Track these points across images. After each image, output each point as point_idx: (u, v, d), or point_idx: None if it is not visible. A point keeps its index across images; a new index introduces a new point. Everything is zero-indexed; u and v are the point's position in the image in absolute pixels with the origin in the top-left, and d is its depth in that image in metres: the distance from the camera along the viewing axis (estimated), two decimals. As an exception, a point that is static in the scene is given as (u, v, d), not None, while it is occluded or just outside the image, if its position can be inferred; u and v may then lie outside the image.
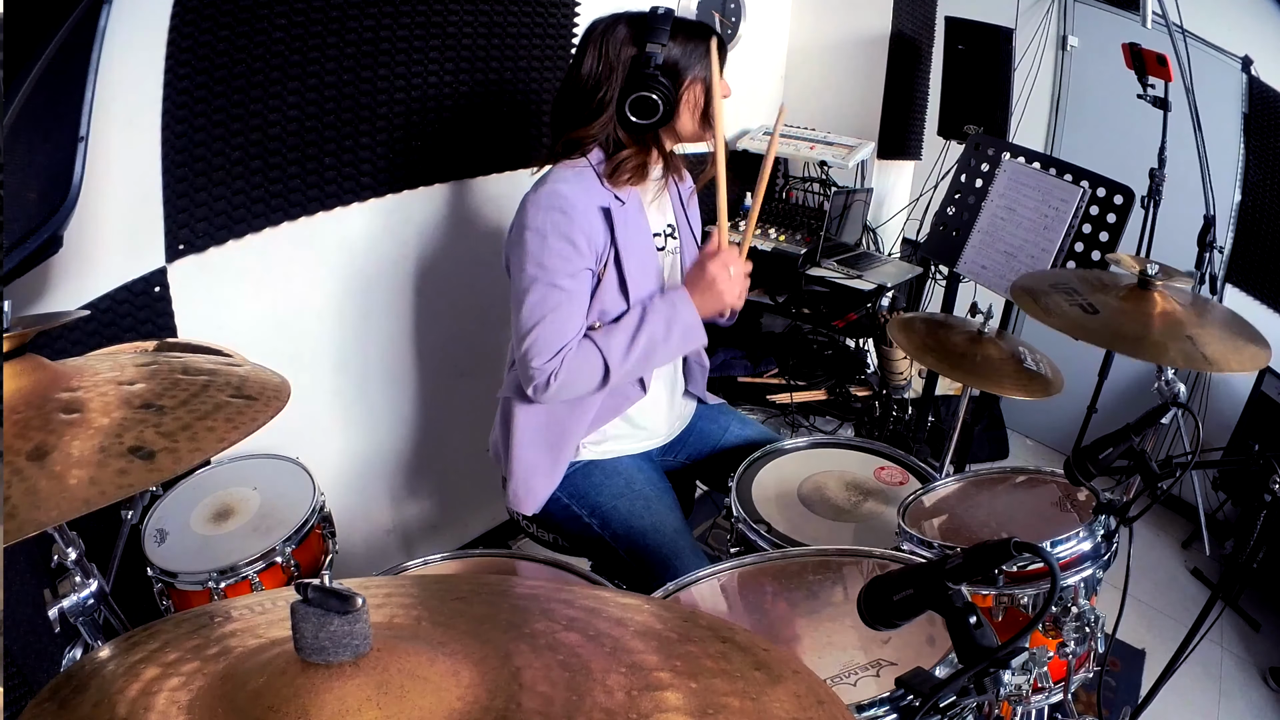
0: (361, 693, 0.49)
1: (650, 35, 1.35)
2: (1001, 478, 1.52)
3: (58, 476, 0.58)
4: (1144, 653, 2.19)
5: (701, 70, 1.39)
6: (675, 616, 0.66)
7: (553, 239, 1.36)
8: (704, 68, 1.39)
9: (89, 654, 0.76)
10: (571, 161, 1.43)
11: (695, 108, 1.42)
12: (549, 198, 1.37)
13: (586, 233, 1.37)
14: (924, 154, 3.23)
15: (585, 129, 1.41)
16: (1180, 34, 2.41)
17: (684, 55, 1.38)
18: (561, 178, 1.40)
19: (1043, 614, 0.91)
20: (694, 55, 1.39)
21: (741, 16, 2.83)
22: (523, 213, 1.40)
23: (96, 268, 1.44)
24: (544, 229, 1.36)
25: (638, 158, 1.42)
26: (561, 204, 1.36)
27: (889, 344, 2.85)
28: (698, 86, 1.41)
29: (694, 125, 1.44)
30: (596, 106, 1.39)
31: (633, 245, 1.44)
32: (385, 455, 2.17)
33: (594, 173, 1.42)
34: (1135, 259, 1.44)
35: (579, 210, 1.37)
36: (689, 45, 1.38)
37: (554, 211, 1.36)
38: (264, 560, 1.33)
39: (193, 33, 1.45)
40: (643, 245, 1.48)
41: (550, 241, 1.36)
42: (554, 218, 1.36)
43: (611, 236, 1.41)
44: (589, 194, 1.39)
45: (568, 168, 1.42)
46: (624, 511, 1.52)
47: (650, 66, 1.35)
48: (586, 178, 1.41)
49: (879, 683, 0.96)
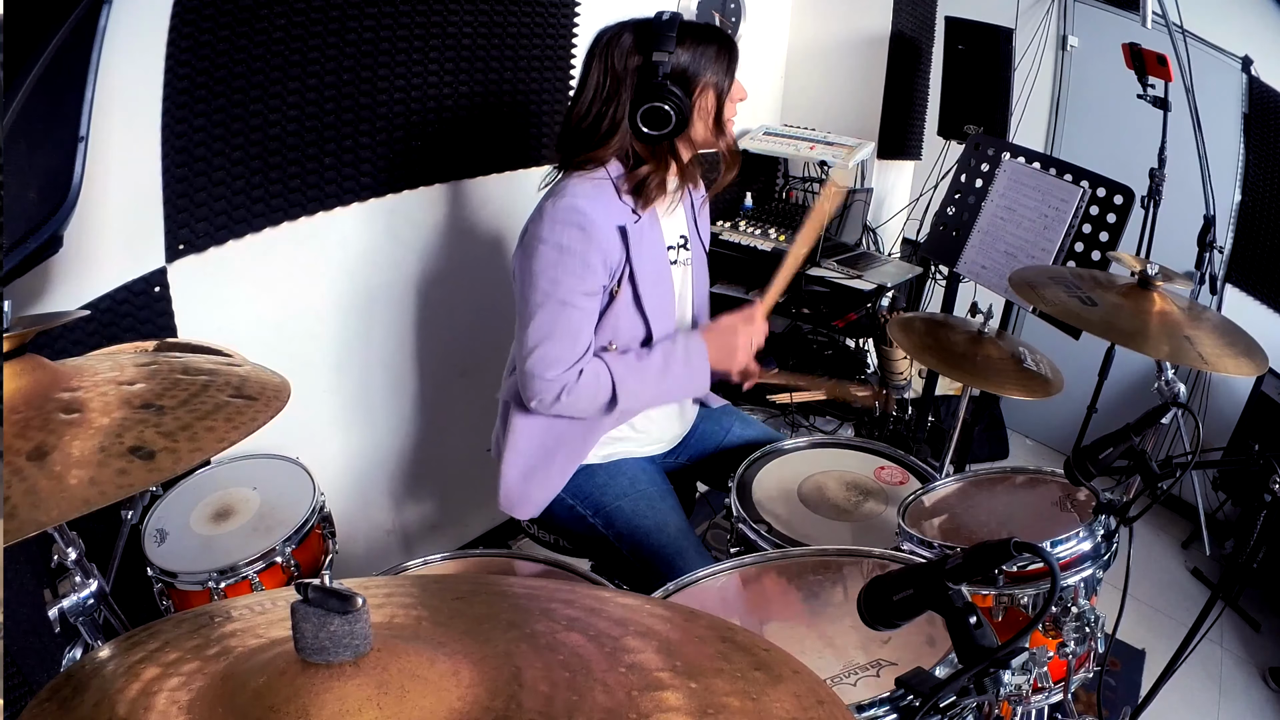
0: (362, 693, 0.49)
1: (657, 43, 1.32)
2: (1001, 478, 1.52)
3: (58, 476, 0.58)
4: (1144, 653, 2.19)
5: (713, 75, 1.36)
6: (675, 616, 0.66)
7: (568, 256, 1.33)
8: (714, 72, 1.36)
9: (89, 654, 0.76)
10: (588, 172, 1.39)
11: (708, 114, 1.39)
12: (568, 212, 1.34)
13: (603, 251, 1.35)
14: (924, 154, 3.24)
15: (599, 151, 1.37)
16: (1180, 34, 2.41)
17: (693, 61, 1.35)
18: (581, 192, 1.36)
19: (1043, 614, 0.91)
20: (703, 60, 1.36)
21: (741, 16, 2.83)
22: (538, 223, 1.36)
23: (96, 268, 1.44)
24: (560, 244, 1.33)
25: (658, 174, 1.39)
26: (580, 220, 1.33)
27: (889, 344, 2.85)
28: (710, 92, 1.38)
29: (707, 131, 1.41)
30: (609, 128, 1.36)
31: (647, 262, 1.43)
32: (385, 455, 2.17)
33: (613, 186, 1.39)
34: (1136, 259, 1.44)
35: (598, 228, 1.34)
36: (697, 50, 1.35)
37: (572, 228, 1.33)
38: (264, 560, 1.33)
39: (193, 33, 1.45)
40: (657, 260, 1.47)
41: (565, 258, 1.33)
42: (571, 234, 1.33)
43: (627, 254, 1.39)
44: (608, 211, 1.37)
45: (586, 179, 1.38)
46: (628, 511, 1.52)
47: (659, 76, 1.32)
48: (605, 192, 1.38)
49: (879, 683, 0.96)
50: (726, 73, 1.38)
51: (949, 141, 2.91)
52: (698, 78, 1.36)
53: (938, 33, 3.03)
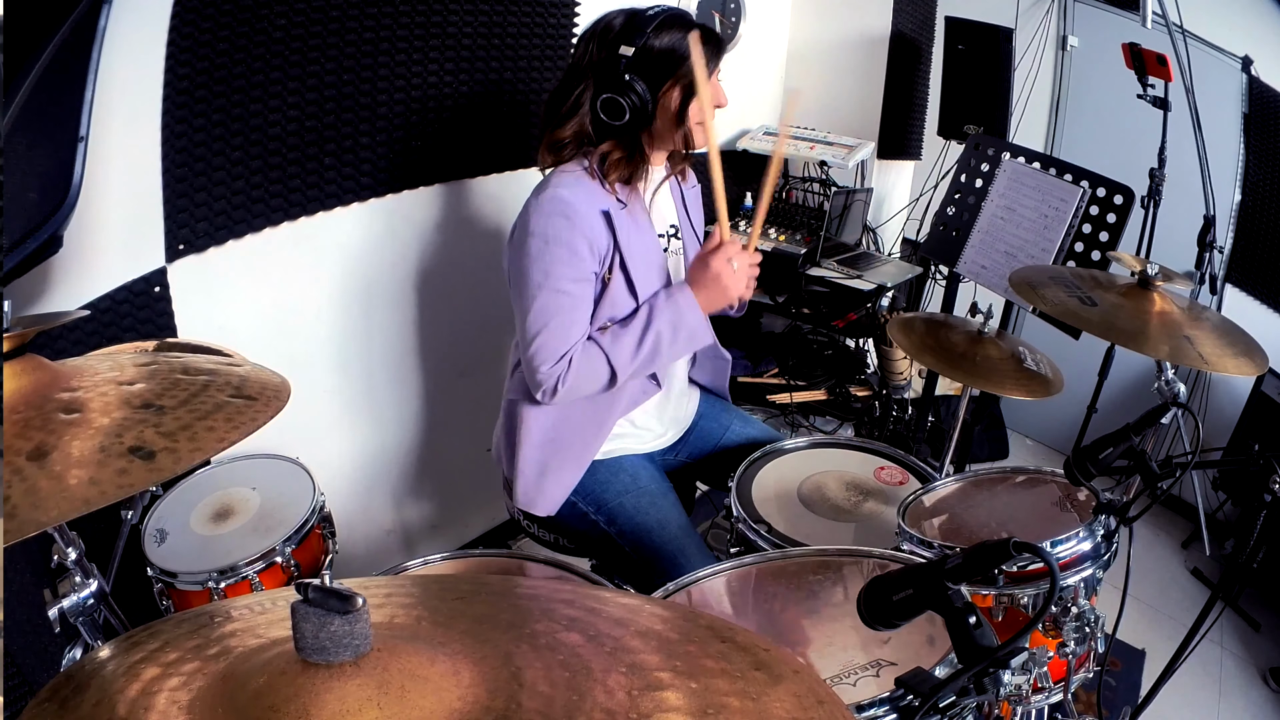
0: (362, 693, 0.49)
1: (632, 36, 1.33)
2: (1001, 478, 1.52)
3: (58, 476, 0.58)
4: (1144, 653, 2.19)
5: (684, 73, 1.35)
6: (675, 616, 0.66)
7: (555, 244, 1.35)
8: (685, 70, 1.34)
9: (89, 654, 0.76)
10: (569, 166, 1.42)
11: (670, 111, 1.38)
12: (551, 203, 1.36)
13: (589, 237, 1.36)
14: (924, 154, 3.23)
15: (560, 130, 1.40)
16: (1180, 34, 2.41)
17: (663, 57, 1.34)
18: (562, 182, 1.39)
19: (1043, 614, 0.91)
20: (674, 56, 1.34)
21: (741, 16, 2.83)
22: (525, 217, 1.39)
23: (96, 268, 1.44)
24: (546, 234, 1.35)
25: (618, 151, 1.41)
26: (563, 209, 1.35)
27: (889, 344, 2.85)
28: (675, 90, 1.37)
29: (668, 129, 1.40)
30: (570, 109, 1.39)
31: (637, 247, 1.44)
32: (385, 455, 2.17)
33: (594, 177, 1.42)
34: (1136, 259, 1.44)
35: (581, 214, 1.36)
36: (671, 47, 1.34)
37: (556, 217, 1.35)
38: (264, 560, 1.33)
39: (193, 33, 1.45)
40: (647, 246, 1.48)
41: (553, 248, 1.35)
42: (556, 223, 1.35)
43: (614, 239, 1.40)
44: (590, 198, 1.39)
45: (567, 172, 1.41)
46: (630, 508, 1.52)
47: (623, 67, 1.33)
48: (586, 181, 1.41)
49: (879, 683, 0.96)
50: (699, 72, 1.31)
51: (949, 141, 2.91)
52: (666, 75, 1.36)
53: (938, 33, 3.03)
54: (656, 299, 1.45)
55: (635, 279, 1.43)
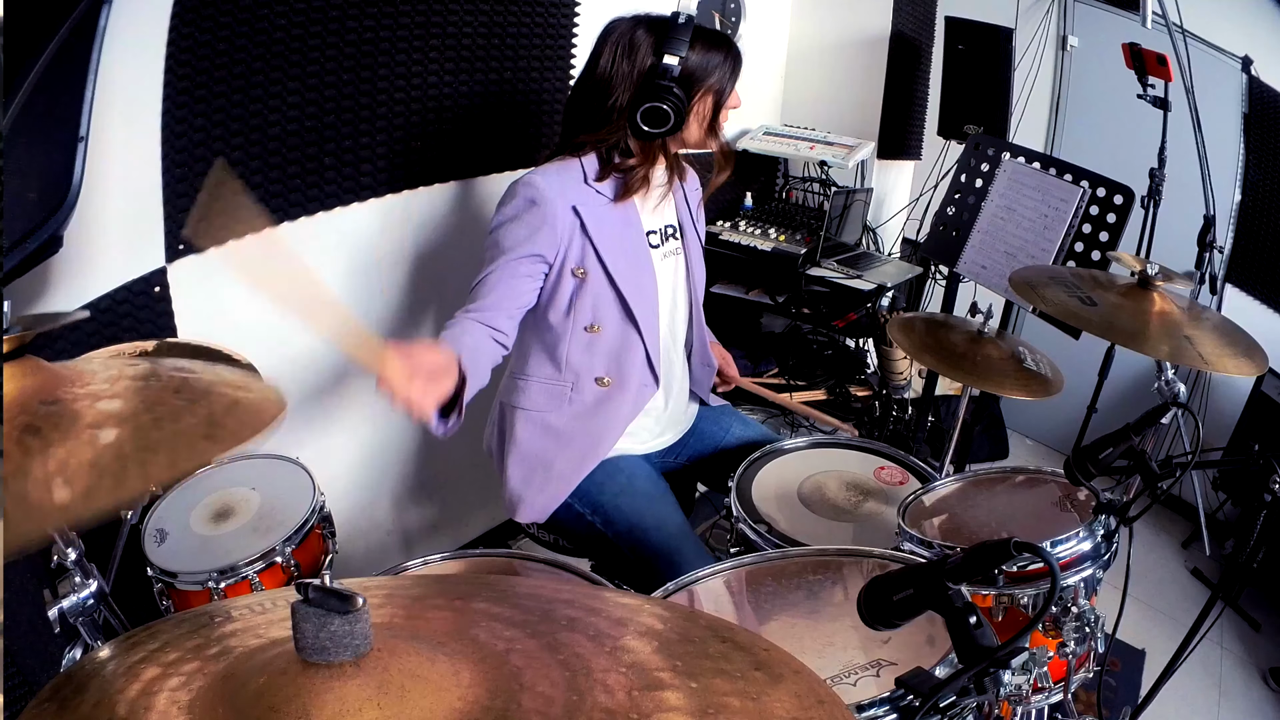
0: (362, 693, 0.49)
1: (669, 45, 1.36)
2: (1001, 478, 1.52)
3: (56, 479, 0.58)
4: (1144, 653, 2.19)
5: (716, 81, 1.41)
6: (675, 616, 0.66)
7: (514, 222, 1.41)
8: (718, 79, 1.41)
9: (89, 654, 0.76)
10: (563, 160, 1.46)
11: (704, 117, 1.44)
12: (522, 186, 1.42)
13: (551, 225, 1.40)
14: (924, 154, 3.24)
15: (595, 133, 1.43)
16: (1180, 34, 2.41)
17: (700, 66, 1.39)
18: (543, 171, 1.44)
19: (1043, 614, 0.91)
20: (709, 66, 1.40)
21: (741, 16, 2.83)
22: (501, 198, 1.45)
23: (96, 268, 1.44)
24: (509, 214, 1.42)
25: (644, 168, 1.45)
26: (531, 194, 1.40)
27: (889, 344, 2.85)
28: (709, 97, 1.42)
29: (700, 134, 1.46)
30: (608, 111, 1.40)
31: (616, 243, 1.46)
32: (385, 455, 2.17)
33: (580, 173, 1.44)
34: (1136, 259, 1.44)
35: (548, 202, 1.40)
36: (706, 56, 1.39)
37: (520, 199, 1.41)
38: (264, 560, 1.33)
39: (193, 32, 1.45)
40: (629, 242, 1.49)
41: (512, 225, 1.41)
42: (519, 204, 1.41)
43: (586, 234, 1.43)
44: (564, 190, 1.42)
45: (556, 163, 1.45)
46: (626, 509, 1.52)
47: (667, 77, 1.36)
48: (568, 175, 1.44)
49: (879, 683, 0.96)
50: (729, 80, 1.43)
51: (949, 141, 2.91)
52: (701, 82, 1.40)
53: (938, 33, 3.03)
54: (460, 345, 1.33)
55: (616, 275, 1.45)
